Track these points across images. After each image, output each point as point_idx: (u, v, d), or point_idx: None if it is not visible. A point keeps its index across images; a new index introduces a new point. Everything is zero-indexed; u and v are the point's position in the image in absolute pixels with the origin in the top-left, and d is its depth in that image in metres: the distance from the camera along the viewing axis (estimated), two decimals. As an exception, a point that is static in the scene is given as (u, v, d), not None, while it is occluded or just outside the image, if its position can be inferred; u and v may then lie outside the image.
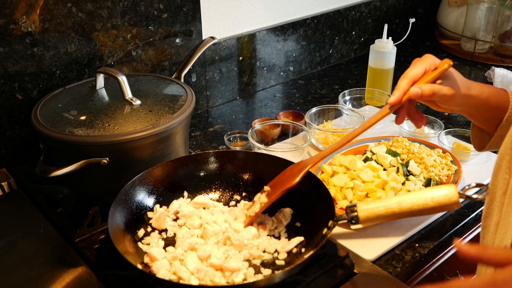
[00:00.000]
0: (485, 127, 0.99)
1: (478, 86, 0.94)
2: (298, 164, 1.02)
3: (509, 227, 0.80)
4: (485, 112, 0.95)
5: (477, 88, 0.93)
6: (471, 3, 2.01)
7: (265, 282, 0.81)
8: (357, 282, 0.93)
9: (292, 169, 1.01)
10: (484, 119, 0.97)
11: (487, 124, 0.98)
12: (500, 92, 0.95)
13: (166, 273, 0.87)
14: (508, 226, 0.80)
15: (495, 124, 0.95)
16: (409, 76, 0.90)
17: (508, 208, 0.81)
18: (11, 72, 1.20)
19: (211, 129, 1.56)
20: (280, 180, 1.02)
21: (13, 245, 0.99)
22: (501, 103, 0.94)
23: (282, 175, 1.02)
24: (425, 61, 0.92)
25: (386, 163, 1.18)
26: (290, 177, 0.99)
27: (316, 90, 1.83)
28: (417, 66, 0.91)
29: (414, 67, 0.91)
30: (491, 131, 0.97)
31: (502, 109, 0.94)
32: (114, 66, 1.38)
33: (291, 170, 1.01)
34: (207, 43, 1.30)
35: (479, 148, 1.04)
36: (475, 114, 0.97)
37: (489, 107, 0.94)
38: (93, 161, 1.00)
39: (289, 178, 0.99)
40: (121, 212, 0.95)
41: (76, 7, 1.24)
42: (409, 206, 0.89)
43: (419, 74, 0.90)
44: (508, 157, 0.83)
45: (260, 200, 1.00)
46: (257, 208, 0.99)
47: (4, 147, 1.25)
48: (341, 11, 1.95)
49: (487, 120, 0.97)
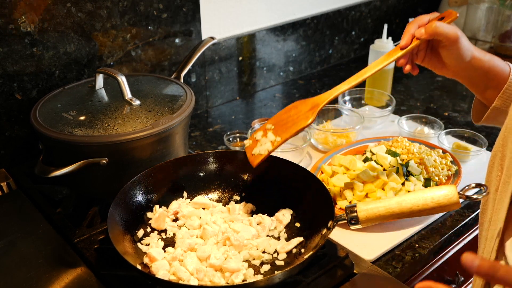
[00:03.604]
0: (485, 99, 1.00)
1: (480, 50, 0.96)
2: (304, 102, 0.98)
3: (498, 223, 0.81)
4: (485, 78, 0.96)
5: (480, 51, 0.96)
6: (471, 3, 2.01)
7: (264, 282, 0.81)
8: (357, 283, 0.93)
9: (297, 107, 0.97)
10: (484, 88, 0.98)
11: (486, 95, 0.99)
12: (500, 63, 0.97)
13: (166, 274, 0.87)
14: (498, 222, 0.81)
15: (495, 95, 0.96)
16: (416, 21, 0.94)
17: (498, 204, 0.82)
18: (10, 72, 1.20)
19: (211, 129, 1.55)
20: (285, 119, 0.97)
21: (12, 246, 0.99)
22: (501, 73, 0.96)
23: (284, 113, 0.98)
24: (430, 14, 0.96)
25: (386, 163, 1.18)
26: (300, 117, 0.95)
27: (316, 90, 1.82)
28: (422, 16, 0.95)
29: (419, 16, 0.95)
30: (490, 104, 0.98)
31: (502, 78, 0.95)
32: (113, 66, 1.38)
33: (296, 108, 0.97)
34: (207, 43, 1.30)
35: (476, 120, 1.05)
36: (476, 81, 0.98)
37: (489, 73, 0.95)
38: (92, 161, 1.00)
39: (299, 117, 0.95)
40: (121, 213, 0.94)
41: (76, 7, 1.24)
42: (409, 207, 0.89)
43: (425, 21, 0.94)
44: (500, 154, 0.84)
45: (269, 138, 0.95)
46: (269, 146, 0.95)
47: (3, 147, 1.25)
48: (341, 11, 1.95)
49: (487, 89, 0.98)
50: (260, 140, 0.97)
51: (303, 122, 0.94)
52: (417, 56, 0.98)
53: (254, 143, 0.98)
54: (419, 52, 0.97)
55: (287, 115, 0.98)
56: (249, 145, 0.99)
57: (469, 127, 1.53)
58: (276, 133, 0.96)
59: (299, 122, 0.95)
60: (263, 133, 0.97)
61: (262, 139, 0.97)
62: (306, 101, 0.98)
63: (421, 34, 0.91)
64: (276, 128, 0.97)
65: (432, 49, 0.97)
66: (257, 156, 0.96)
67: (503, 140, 0.84)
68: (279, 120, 0.98)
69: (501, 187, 0.82)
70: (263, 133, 0.97)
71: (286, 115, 0.98)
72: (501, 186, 0.82)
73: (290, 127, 0.95)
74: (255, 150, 0.97)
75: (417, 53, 0.97)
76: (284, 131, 0.95)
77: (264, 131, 0.98)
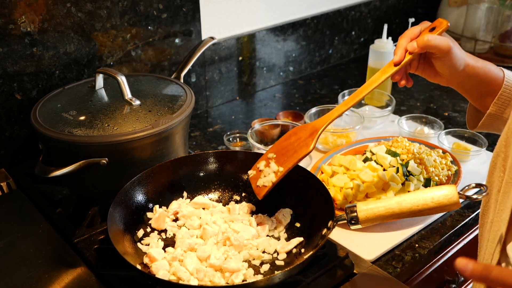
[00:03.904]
0: (480, 106, 1.00)
1: (473, 57, 0.96)
2: (303, 128, 0.98)
3: (501, 225, 0.81)
4: (479, 85, 0.96)
5: (473, 58, 0.96)
6: (471, 3, 2.01)
7: (264, 282, 0.81)
8: (357, 283, 0.93)
9: (297, 134, 0.98)
10: (478, 95, 0.98)
11: (481, 102, 0.99)
12: (494, 68, 0.96)
13: (166, 274, 0.87)
14: (501, 224, 0.81)
15: (489, 102, 0.96)
16: (407, 35, 0.94)
17: (501, 205, 0.82)
18: (10, 72, 1.20)
19: (211, 129, 1.55)
20: (285, 147, 0.98)
21: (12, 246, 0.99)
22: (495, 79, 0.95)
23: (284, 141, 0.99)
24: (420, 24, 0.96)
25: (386, 163, 1.18)
26: (300, 144, 0.96)
27: (316, 90, 1.82)
28: (413, 28, 0.95)
29: (410, 28, 0.95)
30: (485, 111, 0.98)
31: (496, 84, 0.95)
32: (113, 66, 1.38)
33: (296, 135, 0.98)
34: (207, 43, 1.30)
35: (471, 126, 1.05)
36: (470, 88, 0.98)
37: (483, 79, 0.95)
38: (92, 161, 1.00)
39: (300, 144, 0.96)
40: (121, 213, 0.94)
41: (76, 7, 1.24)
42: (409, 206, 0.89)
43: (415, 33, 0.94)
44: (502, 155, 0.84)
45: (272, 169, 0.96)
46: (272, 177, 0.96)
47: (3, 147, 1.25)
48: (341, 11, 1.95)
49: (481, 96, 0.98)
50: (264, 170, 0.98)
51: (304, 150, 0.95)
52: (410, 65, 0.98)
53: (258, 174, 0.99)
54: (412, 62, 0.97)
55: (288, 143, 0.98)
56: (253, 176, 1.01)
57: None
58: (278, 162, 0.97)
59: (299, 150, 0.96)
60: (266, 163, 0.99)
61: (265, 169, 0.98)
62: (305, 127, 0.98)
63: (413, 48, 0.91)
64: (278, 157, 0.98)
65: (425, 58, 0.97)
66: (262, 188, 0.97)
67: (505, 140, 0.84)
68: (281, 149, 0.98)
69: (504, 188, 0.82)
70: (265, 163, 0.99)
71: (286, 143, 0.99)
72: (503, 187, 0.82)
73: (291, 156, 0.96)
74: (259, 181, 0.98)
75: (410, 63, 0.97)
76: (286, 161, 0.96)
77: (267, 160, 0.99)
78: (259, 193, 0.98)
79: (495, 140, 1.44)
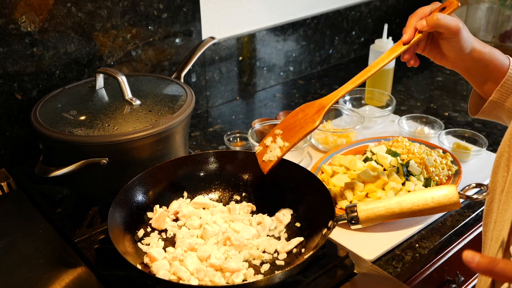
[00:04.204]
0: (482, 92, 1.00)
1: (481, 42, 0.96)
2: (311, 105, 0.99)
3: (505, 225, 0.81)
4: (484, 71, 0.96)
5: (480, 43, 0.95)
6: (471, 3, 2.01)
7: (265, 282, 0.81)
8: (357, 283, 0.93)
9: (304, 110, 0.98)
10: (482, 81, 0.98)
11: (484, 88, 0.98)
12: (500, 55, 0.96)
13: (166, 274, 0.87)
14: (504, 224, 0.81)
15: (493, 89, 0.96)
16: (418, 13, 0.93)
17: (504, 205, 0.81)
18: (11, 72, 1.20)
19: (211, 129, 1.55)
20: (292, 123, 0.98)
21: (12, 246, 0.98)
22: (501, 66, 0.95)
23: (292, 118, 0.99)
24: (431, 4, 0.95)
25: (386, 163, 1.18)
26: (307, 120, 0.96)
27: (316, 90, 1.82)
28: (424, 7, 0.94)
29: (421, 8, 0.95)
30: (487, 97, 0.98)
31: (500, 72, 0.95)
32: (113, 66, 1.38)
33: (303, 112, 0.98)
34: (207, 43, 1.30)
35: (472, 113, 1.05)
36: (475, 73, 0.97)
37: (489, 65, 0.95)
38: (92, 161, 1.00)
39: (306, 121, 0.96)
40: (121, 212, 0.94)
41: (76, 7, 1.24)
42: (409, 206, 0.89)
43: (425, 12, 0.93)
44: (506, 155, 0.83)
45: (278, 144, 0.97)
46: (278, 152, 0.96)
47: (3, 147, 1.25)
48: (341, 11, 1.95)
49: (485, 82, 0.97)
50: (270, 146, 0.98)
51: (309, 126, 0.96)
52: (418, 46, 0.97)
53: (264, 149, 0.99)
54: (420, 42, 0.97)
55: (295, 119, 0.99)
56: (259, 151, 1.01)
57: (470, 127, 1.53)
58: (284, 138, 0.97)
59: (306, 125, 0.96)
60: (272, 139, 0.99)
61: (272, 145, 0.98)
62: (312, 104, 0.98)
63: (422, 26, 0.91)
64: (284, 133, 0.98)
65: (433, 39, 0.96)
66: (267, 163, 0.98)
67: (509, 140, 0.83)
68: (287, 125, 0.99)
69: (507, 188, 0.81)
70: (272, 139, 0.99)
71: (293, 119, 0.99)
72: (507, 187, 0.81)
73: (297, 132, 0.96)
74: (265, 156, 0.98)
75: (418, 43, 0.97)
76: (292, 136, 0.97)
77: (273, 136, 0.99)
78: (264, 167, 0.98)
79: (495, 140, 1.45)
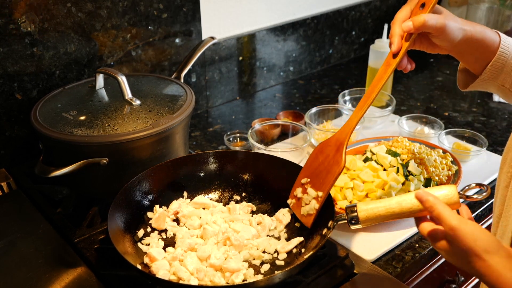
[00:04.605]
0: (473, 69, 0.98)
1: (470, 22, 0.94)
2: (327, 143, 0.97)
3: (509, 220, 0.81)
4: (475, 50, 0.93)
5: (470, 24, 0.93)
6: (471, 3, 2.01)
7: (264, 282, 0.81)
8: (357, 282, 0.93)
9: (323, 152, 0.96)
10: (473, 60, 0.95)
11: (475, 66, 0.96)
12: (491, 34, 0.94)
13: (166, 274, 0.87)
14: (509, 219, 0.81)
15: (483, 66, 0.94)
16: (399, 19, 0.91)
17: (509, 200, 0.81)
18: (11, 72, 1.20)
19: (211, 129, 1.55)
20: (317, 168, 0.96)
21: (12, 246, 0.99)
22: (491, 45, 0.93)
23: (313, 162, 0.97)
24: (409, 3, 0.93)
25: (386, 163, 1.18)
26: (331, 163, 0.94)
27: (316, 90, 1.82)
28: (402, 9, 0.92)
29: (399, 11, 0.93)
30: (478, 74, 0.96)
31: (490, 51, 0.93)
32: (113, 66, 1.38)
33: (322, 154, 0.96)
34: (207, 43, 1.30)
35: (462, 86, 1.02)
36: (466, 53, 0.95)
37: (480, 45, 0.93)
38: (92, 161, 1.00)
39: (330, 163, 0.95)
40: (121, 213, 0.94)
41: (76, 7, 1.24)
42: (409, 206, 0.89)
43: (407, 15, 0.91)
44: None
45: (311, 195, 0.95)
46: (314, 203, 0.95)
47: (3, 147, 1.25)
48: (341, 11, 1.95)
49: (476, 61, 0.95)
50: (303, 198, 0.98)
51: (335, 169, 0.94)
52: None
53: (298, 202, 0.99)
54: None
55: (317, 163, 0.97)
56: (293, 205, 1.00)
57: (470, 127, 1.53)
58: (314, 187, 0.96)
59: (332, 170, 0.94)
60: (302, 189, 0.98)
61: (304, 196, 0.97)
62: (329, 142, 0.97)
63: (409, 28, 0.88)
64: (312, 181, 0.97)
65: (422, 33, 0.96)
66: (308, 217, 0.97)
67: None
68: (312, 171, 0.98)
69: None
70: (302, 190, 0.98)
71: (316, 164, 0.97)
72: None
73: (325, 178, 0.95)
74: (303, 210, 0.97)
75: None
76: (322, 183, 0.95)
77: (302, 187, 0.98)
78: (307, 222, 0.97)
79: (495, 140, 1.45)
